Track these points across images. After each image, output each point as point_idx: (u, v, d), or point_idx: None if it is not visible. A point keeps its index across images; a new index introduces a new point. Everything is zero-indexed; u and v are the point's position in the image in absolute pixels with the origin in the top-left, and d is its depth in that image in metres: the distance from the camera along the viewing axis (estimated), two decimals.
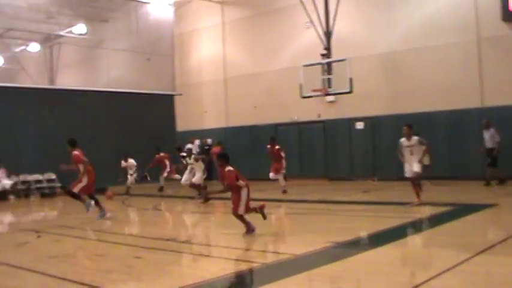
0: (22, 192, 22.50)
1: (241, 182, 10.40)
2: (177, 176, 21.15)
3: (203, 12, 29.23)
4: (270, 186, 19.66)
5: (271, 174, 19.20)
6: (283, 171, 19.41)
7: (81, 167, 13.75)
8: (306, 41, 23.99)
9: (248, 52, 27.55)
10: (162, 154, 21.95)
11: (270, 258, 8.26)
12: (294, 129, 25.51)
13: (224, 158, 11.00)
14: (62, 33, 31.95)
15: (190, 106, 29.52)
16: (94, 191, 14.42)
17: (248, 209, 10.55)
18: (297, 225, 12.29)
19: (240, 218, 10.41)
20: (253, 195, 17.58)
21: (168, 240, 10.24)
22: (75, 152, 13.78)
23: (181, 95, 29.28)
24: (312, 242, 9.29)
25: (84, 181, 13.78)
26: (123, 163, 21.74)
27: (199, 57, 29.78)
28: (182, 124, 29.55)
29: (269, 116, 26.10)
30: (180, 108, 29.60)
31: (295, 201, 16.89)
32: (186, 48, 30.12)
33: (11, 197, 21.93)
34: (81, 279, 7.35)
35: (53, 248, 10.40)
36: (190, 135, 28.25)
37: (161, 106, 28.86)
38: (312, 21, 21.98)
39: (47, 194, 22.42)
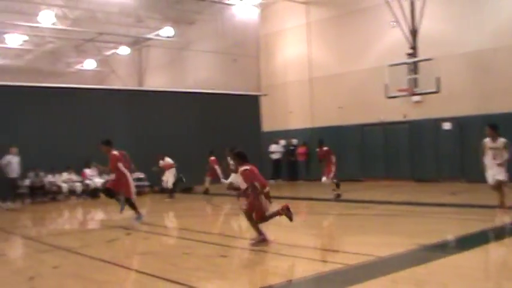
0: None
1: (257, 184, 9.69)
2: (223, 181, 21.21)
3: (288, 13, 29.30)
4: (355, 187, 19.53)
5: (323, 179, 18.35)
6: (331, 175, 18.26)
7: (120, 166, 13.83)
8: (392, 40, 23.68)
9: (333, 52, 27.44)
10: (212, 158, 21.80)
11: (354, 260, 8.23)
12: (379, 129, 25.20)
13: (240, 157, 10.13)
14: (150, 36, 32.84)
15: (276, 107, 29.63)
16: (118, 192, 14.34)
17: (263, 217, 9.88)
18: (382, 227, 12.17)
19: (250, 221, 9.93)
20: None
21: (252, 239, 10.35)
22: (114, 152, 13.86)
23: (266, 95, 29.47)
24: (397, 244, 9.22)
25: (129, 180, 13.97)
26: (161, 162, 21.83)
27: (284, 57, 29.88)
28: (268, 125, 29.69)
29: (354, 117, 25.90)
30: (265, 108, 29.77)
31: (381, 202, 16.72)
32: (271, 49, 30.27)
33: (102, 194, 22.69)
34: (168, 276, 7.56)
35: (142, 245, 10.73)
36: (275, 136, 28.44)
37: (247, 107, 29.09)
38: (397, 20, 21.71)
39: (136, 192, 23.01)
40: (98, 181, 22.69)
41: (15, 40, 32.84)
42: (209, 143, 24.56)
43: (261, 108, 29.73)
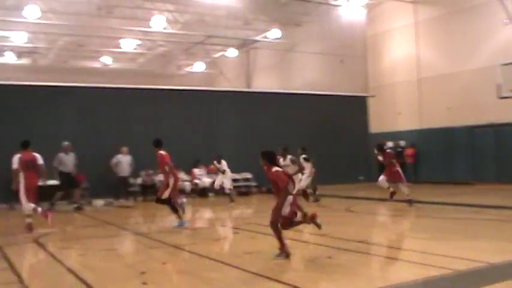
0: (221, 190, 23.65)
1: (290, 188, 8.85)
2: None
3: (395, 13, 28.83)
4: (465, 190, 18.94)
5: (400, 185, 16.82)
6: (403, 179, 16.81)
7: (167, 168, 13.35)
8: (504, 38, 22.81)
9: (442, 52, 26.73)
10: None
11: (464, 265, 7.99)
12: (490, 131, 24.30)
13: (267, 157, 9.19)
14: (257, 38, 33.21)
15: (384, 108, 29.22)
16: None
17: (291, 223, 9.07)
18: (494, 232, 11.73)
19: (276, 231, 8.90)
20: (446, 199, 17.16)
21: (359, 241, 10.28)
22: (161, 152, 13.37)
23: (374, 96, 29.17)
24: (509, 251, 8.90)
25: (171, 183, 13.30)
26: (216, 164, 21.74)
27: (391, 58, 29.42)
28: (375, 126, 29.39)
29: (464, 118, 25.10)
30: (373, 109, 29.49)
31: (493, 206, 16.13)
32: (379, 49, 29.89)
33: (211, 194, 23.16)
34: (275, 276, 7.64)
35: (249, 244, 10.88)
36: (383, 137, 28.06)
37: (354, 108, 28.94)
38: (510, 18, 20.89)
39: (243, 192, 23.39)
40: (206, 180, 23.19)
41: (129, 44, 34.12)
42: (316, 144, 24.55)
43: (369, 109, 29.48)
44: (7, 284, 7.78)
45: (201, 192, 22.99)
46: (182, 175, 23.25)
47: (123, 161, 21.44)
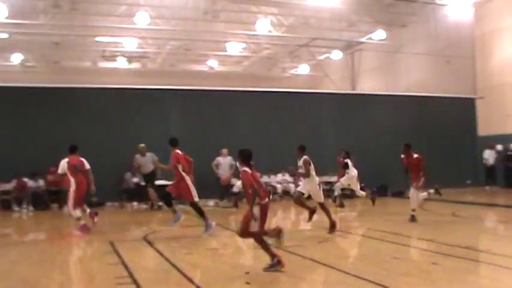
0: (325, 192, 23.51)
1: (256, 188, 8.24)
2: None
3: (505, 10, 27.63)
4: None
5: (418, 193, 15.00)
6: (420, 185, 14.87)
7: (180, 168, 12.79)
8: None
9: None
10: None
11: None
12: None
13: (241, 155, 8.58)
14: (362, 40, 32.92)
15: (492, 109, 28.14)
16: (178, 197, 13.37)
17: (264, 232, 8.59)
18: None
19: (249, 235, 8.65)
20: None
21: (466, 248, 10.01)
22: (177, 151, 12.96)
23: (482, 98, 28.23)
24: None
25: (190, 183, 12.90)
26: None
27: (501, 58, 28.23)
28: (483, 128, 28.39)
29: None
30: (481, 111, 28.52)
31: None
32: (488, 49, 28.80)
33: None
34: (377, 280, 7.59)
35: (353, 247, 10.85)
36: (491, 140, 27.08)
37: (461, 110, 28.17)
38: None
39: (347, 195, 23.17)
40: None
41: (234, 48, 34.64)
42: (422, 146, 23.99)
43: (477, 111, 28.59)
44: (119, 277, 8.19)
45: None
46: (286, 177, 23.47)
47: (223, 163, 21.68)
